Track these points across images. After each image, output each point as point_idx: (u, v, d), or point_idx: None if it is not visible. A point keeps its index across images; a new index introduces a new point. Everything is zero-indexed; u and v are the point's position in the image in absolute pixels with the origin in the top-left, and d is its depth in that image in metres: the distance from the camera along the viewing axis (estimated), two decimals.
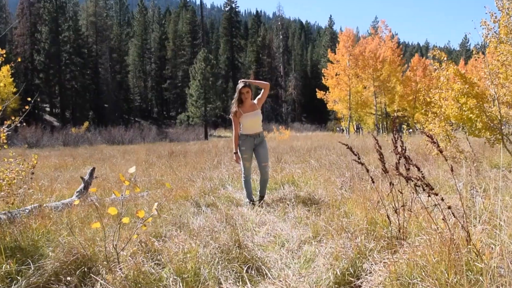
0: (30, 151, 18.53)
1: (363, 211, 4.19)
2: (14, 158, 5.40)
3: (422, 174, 2.86)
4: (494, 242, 2.79)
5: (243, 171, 5.86)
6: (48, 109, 57.67)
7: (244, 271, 3.13)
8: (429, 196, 2.81)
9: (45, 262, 3.20)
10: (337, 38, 39.15)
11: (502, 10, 7.57)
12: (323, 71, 37.61)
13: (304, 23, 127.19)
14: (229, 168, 9.17)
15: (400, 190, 3.34)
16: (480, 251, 2.59)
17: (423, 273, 2.55)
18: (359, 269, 2.99)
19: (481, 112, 7.94)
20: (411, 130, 19.32)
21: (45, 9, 53.48)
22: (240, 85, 5.65)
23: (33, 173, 5.95)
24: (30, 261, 3.19)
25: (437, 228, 2.91)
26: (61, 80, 54.44)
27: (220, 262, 3.19)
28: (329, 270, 2.97)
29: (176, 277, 2.94)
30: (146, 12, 71.65)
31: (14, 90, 30.08)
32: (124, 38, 70.33)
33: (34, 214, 4.49)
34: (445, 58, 8.27)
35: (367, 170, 3.50)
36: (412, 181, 2.87)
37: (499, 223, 3.07)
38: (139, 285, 2.85)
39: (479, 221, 3.21)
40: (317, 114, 68.82)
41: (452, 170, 2.79)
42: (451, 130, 9.15)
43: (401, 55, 37.44)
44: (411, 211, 3.36)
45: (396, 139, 3.23)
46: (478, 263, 2.50)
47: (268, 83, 5.94)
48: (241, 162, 5.86)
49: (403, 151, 3.09)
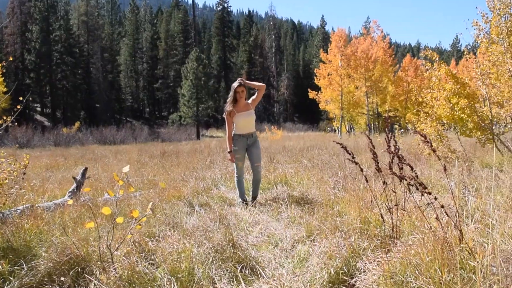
0: (21, 151, 18.38)
1: (356, 210, 4.20)
2: (6, 158, 5.37)
3: (416, 173, 2.87)
4: (486, 240, 2.82)
5: (235, 171, 5.86)
6: (39, 109, 57.24)
7: (238, 270, 3.13)
8: (422, 195, 2.83)
9: (38, 262, 3.18)
10: (329, 38, 39.14)
11: (494, 11, 7.64)
12: (315, 71, 37.56)
13: (296, 23, 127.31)
14: (221, 168, 9.17)
15: (394, 189, 3.36)
16: (473, 249, 2.61)
17: (416, 272, 2.57)
18: (353, 268, 3.00)
19: (472, 112, 8.01)
20: (402, 130, 19.43)
21: (36, 8, 53.06)
22: (236, 84, 5.63)
23: (24, 173, 5.92)
24: (23, 261, 3.17)
25: (430, 227, 2.93)
26: (52, 80, 54.05)
27: (214, 262, 3.19)
28: (323, 269, 2.98)
29: (170, 277, 2.93)
30: (138, 11, 71.28)
31: (5, 89, 29.88)
32: (115, 38, 69.94)
33: (26, 214, 4.46)
34: (437, 58, 8.32)
35: (361, 170, 3.52)
36: (406, 180, 2.89)
37: (491, 222, 3.10)
38: (133, 285, 2.84)
39: (472, 220, 3.23)
40: (309, 114, 68.91)
41: (445, 169, 2.81)
42: (443, 130, 9.22)
43: (393, 56, 37.57)
44: (404, 210, 3.38)
45: (390, 138, 3.25)
46: (471, 261, 2.52)
47: (263, 84, 5.94)
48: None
49: (397, 151, 3.11)
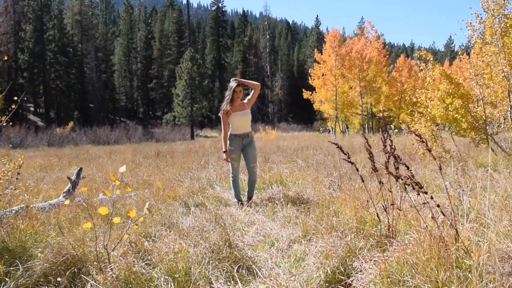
0: (14, 152, 18.29)
1: (352, 210, 4.22)
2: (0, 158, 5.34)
3: (412, 172, 2.89)
4: (481, 240, 2.83)
5: (231, 171, 5.86)
6: (32, 109, 56.87)
7: (235, 270, 3.13)
8: (418, 194, 2.84)
9: (34, 263, 3.17)
10: (324, 38, 39.23)
11: (488, 12, 7.68)
12: (309, 71, 37.63)
13: (290, 23, 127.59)
14: (216, 168, 9.16)
15: (390, 189, 3.37)
16: (469, 248, 2.62)
17: (413, 271, 2.59)
18: (350, 267, 3.01)
19: (466, 112, 8.06)
20: (396, 130, 19.52)
21: (30, 7, 52.72)
22: (234, 84, 5.62)
23: (19, 173, 5.89)
24: (18, 262, 3.16)
25: (426, 226, 2.95)
26: (45, 80, 53.73)
27: (211, 262, 3.19)
28: (320, 269, 2.99)
29: (167, 277, 2.93)
30: (132, 11, 71.08)
31: None
32: (109, 37, 69.65)
33: (21, 215, 4.44)
34: (432, 59, 8.36)
35: (357, 169, 3.53)
36: (402, 179, 2.90)
37: (486, 221, 3.13)
38: (130, 285, 2.84)
39: (467, 219, 3.25)
40: (303, 114, 68.97)
41: (440, 169, 2.83)
42: (437, 130, 9.26)
43: (387, 56, 37.71)
44: (400, 210, 3.39)
45: (386, 138, 3.26)
46: (467, 260, 2.54)
47: (258, 83, 5.94)
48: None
49: (393, 150, 3.13)
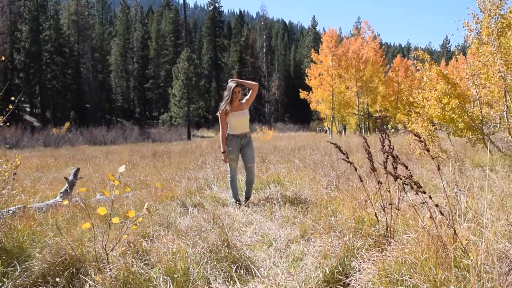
0: (10, 152, 18.20)
1: (350, 209, 4.23)
2: None
3: (410, 172, 2.90)
4: (479, 239, 2.84)
5: (229, 171, 5.86)
6: (28, 109, 56.63)
7: (233, 270, 3.13)
8: (417, 194, 2.85)
9: (32, 263, 3.15)
10: (320, 39, 39.29)
11: (484, 12, 7.71)
12: (306, 71, 37.66)
13: (287, 23, 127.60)
14: (214, 168, 9.16)
15: (388, 189, 3.38)
16: (467, 248, 2.63)
17: (411, 270, 2.59)
18: (348, 267, 3.01)
19: (463, 112, 8.08)
20: (393, 130, 19.56)
21: (26, 7, 52.50)
22: (233, 84, 5.62)
23: (15, 174, 5.87)
24: (16, 262, 3.15)
25: (424, 226, 2.95)
26: (41, 80, 53.52)
27: (209, 262, 3.19)
28: (318, 269, 2.99)
29: (165, 277, 2.93)
30: (129, 11, 70.95)
31: None
32: (106, 37, 69.44)
33: (19, 215, 4.42)
34: (429, 59, 8.38)
35: (355, 169, 3.54)
36: (401, 179, 2.91)
37: (484, 221, 3.14)
38: (129, 285, 2.83)
39: (465, 219, 3.26)
40: (300, 114, 68.97)
41: (438, 168, 2.84)
42: (434, 130, 9.29)
43: (384, 56, 37.76)
44: (398, 209, 3.40)
45: (384, 138, 3.27)
46: (465, 259, 2.55)
47: (256, 83, 5.93)
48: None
49: (391, 150, 3.13)
